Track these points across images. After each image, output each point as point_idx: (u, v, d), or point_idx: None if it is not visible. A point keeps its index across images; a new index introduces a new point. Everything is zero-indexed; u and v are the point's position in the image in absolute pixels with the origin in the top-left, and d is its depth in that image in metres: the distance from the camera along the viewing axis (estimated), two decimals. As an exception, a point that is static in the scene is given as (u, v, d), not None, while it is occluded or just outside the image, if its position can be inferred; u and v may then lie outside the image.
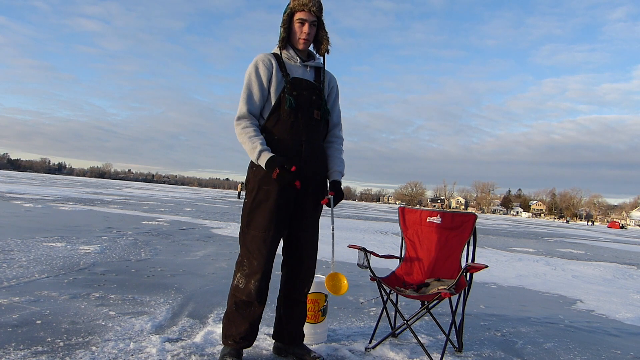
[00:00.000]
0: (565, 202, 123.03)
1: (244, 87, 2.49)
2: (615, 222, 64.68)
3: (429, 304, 2.90)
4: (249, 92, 2.47)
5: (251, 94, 2.47)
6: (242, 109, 2.45)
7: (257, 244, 2.44)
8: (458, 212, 3.30)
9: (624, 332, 4.04)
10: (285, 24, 2.51)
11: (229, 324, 2.50)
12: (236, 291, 2.47)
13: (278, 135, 2.47)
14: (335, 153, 2.69)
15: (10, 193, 17.83)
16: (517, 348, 3.28)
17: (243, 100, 2.46)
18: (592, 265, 9.40)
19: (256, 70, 2.47)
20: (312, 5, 2.46)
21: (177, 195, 35.13)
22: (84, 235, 7.12)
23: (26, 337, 2.60)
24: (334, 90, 2.71)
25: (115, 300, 3.55)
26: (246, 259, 2.46)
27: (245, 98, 2.46)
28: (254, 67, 2.48)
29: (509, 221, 48.41)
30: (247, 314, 2.47)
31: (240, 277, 2.47)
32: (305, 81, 2.53)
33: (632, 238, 27.46)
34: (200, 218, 13.11)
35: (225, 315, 2.54)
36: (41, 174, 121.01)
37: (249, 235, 2.47)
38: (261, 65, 2.48)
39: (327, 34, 2.58)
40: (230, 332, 2.48)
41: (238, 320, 2.47)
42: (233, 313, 2.49)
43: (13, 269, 4.29)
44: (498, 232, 20.73)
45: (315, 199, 2.60)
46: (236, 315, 2.48)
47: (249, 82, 2.48)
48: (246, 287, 2.44)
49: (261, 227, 2.44)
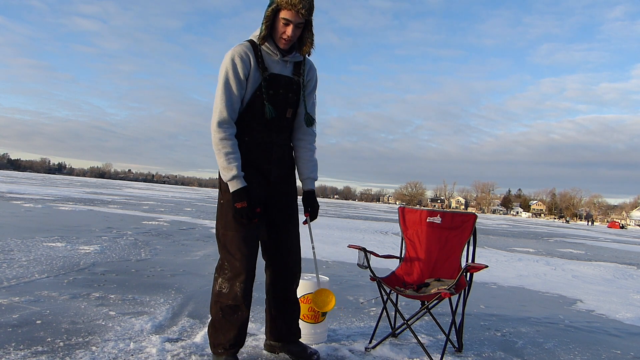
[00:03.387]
0: (565, 202, 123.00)
1: (222, 85, 2.31)
2: (615, 222, 64.66)
3: (429, 304, 2.90)
4: (228, 93, 2.31)
5: (231, 95, 2.31)
6: (223, 113, 2.30)
7: (237, 244, 2.35)
8: (458, 212, 3.30)
9: (624, 332, 4.04)
10: (268, 20, 2.30)
11: (215, 332, 2.40)
12: (220, 297, 2.36)
13: (249, 137, 2.39)
14: (306, 154, 2.58)
15: (10, 193, 17.83)
16: (517, 348, 3.28)
17: (222, 101, 2.30)
18: (592, 265, 9.40)
19: (234, 67, 2.30)
20: (301, 7, 2.23)
21: (177, 195, 35.14)
22: (84, 235, 7.12)
23: (26, 337, 2.60)
24: (311, 82, 2.55)
25: (115, 300, 3.55)
26: (227, 262, 2.36)
27: (225, 100, 2.30)
28: (231, 62, 2.30)
29: (509, 221, 48.43)
30: (235, 319, 2.37)
31: (222, 281, 2.36)
32: (283, 78, 2.40)
33: (632, 238, 27.46)
34: (200, 218, 13.11)
35: (210, 324, 2.43)
36: (41, 174, 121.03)
37: (227, 236, 2.37)
38: (239, 61, 2.30)
39: (312, 35, 2.39)
40: (218, 340, 2.38)
41: (225, 327, 2.37)
42: (220, 321, 2.38)
43: (13, 269, 4.29)
44: (498, 232, 20.73)
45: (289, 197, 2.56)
46: (223, 322, 2.37)
47: (226, 80, 2.30)
48: (231, 291, 2.34)
49: (238, 226, 2.35)
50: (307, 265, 6.08)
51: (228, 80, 2.31)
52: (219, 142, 2.30)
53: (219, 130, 2.30)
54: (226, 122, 2.31)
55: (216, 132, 2.30)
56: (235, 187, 2.30)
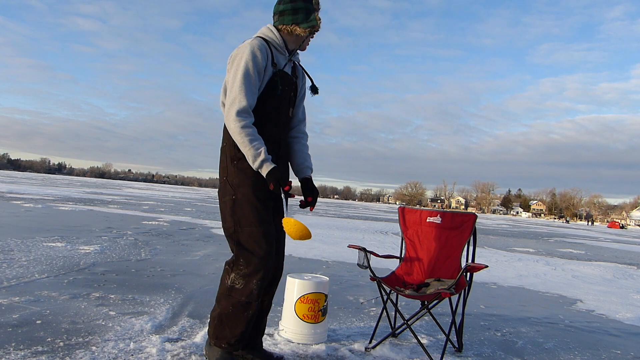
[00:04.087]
0: (565, 202, 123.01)
1: (242, 74, 2.29)
2: (615, 222, 64.63)
3: (429, 304, 2.90)
4: (248, 83, 2.29)
5: (250, 86, 2.30)
6: (243, 102, 2.27)
7: (257, 240, 2.31)
8: (458, 212, 3.30)
9: (624, 332, 4.04)
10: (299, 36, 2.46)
11: (221, 325, 2.36)
12: (232, 292, 2.33)
13: (261, 133, 2.36)
14: (303, 148, 2.63)
15: (10, 193, 17.83)
16: (517, 348, 3.28)
17: (242, 90, 2.27)
18: (592, 265, 9.40)
19: (254, 59, 2.31)
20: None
21: (177, 195, 35.14)
22: (84, 235, 7.12)
23: (26, 337, 2.60)
24: (304, 87, 2.65)
25: (115, 300, 3.55)
26: (242, 258, 2.32)
27: (245, 89, 2.28)
28: (252, 54, 2.31)
29: (509, 221, 48.43)
30: (245, 316, 2.34)
31: (235, 277, 2.33)
32: (288, 76, 2.47)
33: (632, 238, 27.46)
34: (200, 218, 13.11)
35: (216, 316, 2.39)
36: (41, 174, 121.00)
37: (244, 232, 2.32)
38: (259, 54, 2.33)
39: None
40: (223, 334, 2.36)
41: (234, 322, 2.34)
42: (229, 315, 2.34)
43: (13, 269, 4.29)
44: (498, 232, 20.73)
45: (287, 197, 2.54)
46: (232, 317, 2.34)
47: (246, 70, 2.29)
48: (246, 288, 2.31)
49: (256, 221, 2.33)
50: (307, 265, 6.10)
51: (248, 71, 2.30)
52: (241, 131, 2.25)
53: (239, 119, 2.26)
54: (246, 111, 2.28)
55: (236, 121, 2.25)
56: (268, 169, 2.26)
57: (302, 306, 2.94)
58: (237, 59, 2.33)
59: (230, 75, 2.33)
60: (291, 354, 2.74)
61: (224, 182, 2.41)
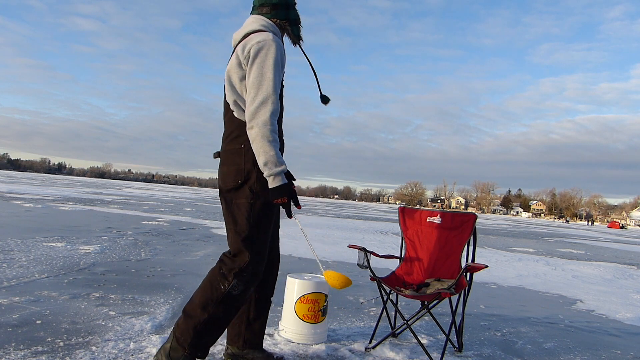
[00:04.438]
0: (565, 202, 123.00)
1: (271, 73, 2.12)
2: (615, 222, 64.61)
3: (428, 304, 2.90)
4: (277, 82, 2.14)
5: (277, 85, 2.15)
6: (277, 104, 2.12)
7: (265, 249, 2.29)
8: (458, 212, 3.30)
9: (624, 332, 4.04)
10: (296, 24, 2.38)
11: (206, 332, 2.20)
12: (229, 298, 2.20)
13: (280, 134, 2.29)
14: None
15: (10, 193, 17.83)
16: (517, 348, 3.28)
17: (274, 91, 2.11)
18: (592, 265, 9.40)
19: (282, 57, 2.19)
20: None
21: (177, 195, 35.14)
22: (84, 235, 7.12)
23: (26, 337, 2.60)
24: None
25: (115, 300, 3.55)
26: (252, 265, 2.22)
27: (276, 89, 2.12)
28: (279, 51, 2.17)
29: (509, 221, 48.42)
30: (229, 321, 2.28)
31: (237, 283, 2.20)
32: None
33: (632, 238, 27.46)
34: (200, 218, 13.11)
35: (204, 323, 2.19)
36: (41, 174, 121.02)
37: (259, 240, 2.24)
38: (283, 52, 2.23)
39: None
40: (203, 341, 2.21)
41: (217, 329, 2.23)
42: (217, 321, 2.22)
43: (13, 269, 4.29)
44: (498, 232, 20.74)
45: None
46: (219, 324, 2.23)
47: (277, 69, 2.13)
48: (245, 294, 2.24)
49: (269, 230, 2.30)
50: (307, 265, 6.09)
51: (278, 70, 2.15)
52: (270, 135, 2.08)
53: (271, 122, 2.09)
54: (276, 115, 2.13)
55: (268, 124, 2.08)
56: (280, 182, 2.12)
57: (302, 306, 2.94)
58: (261, 54, 2.14)
59: (255, 71, 2.13)
60: (291, 354, 2.74)
61: (238, 185, 2.23)
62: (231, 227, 2.26)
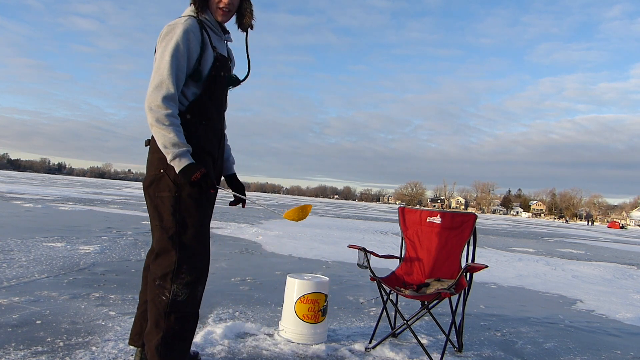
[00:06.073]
0: (565, 202, 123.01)
1: (169, 57, 2.02)
2: (615, 222, 64.59)
3: (428, 304, 2.90)
4: (176, 68, 2.03)
5: (178, 71, 2.04)
6: (170, 88, 2.01)
7: (202, 240, 2.11)
8: (458, 212, 3.30)
9: (624, 332, 4.04)
10: None
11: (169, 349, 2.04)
12: (176, 306, 2.03)
13: (206, 121, 2.16)
14: (226, 141, 2.44)
15: (10, 193, 17.83)
16: (517, 348, 3.28)
17: (170, 75, 2.01)
18: (592, 265, 9.40)
19: (186, 42, 2.05)
20: None
21: (177, 195, 35.11)
22: (84, 235, 7.12)
23: (26, 337, 2.60)
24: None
25: (115, 300, 3.55)
26: (186, 265, 2.05)
27: (173, 74, 2.02)
28: (184, 35, 2.05)
29: (509, 221, 48.43)
30: (192, 328, 2.12)
31: (178, 288, 2.04)
32: (226, 59, 2.24)
33: (632, 238, 27.46)
34: (200, 218, 13.09)
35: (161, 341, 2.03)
36: (41, 174, 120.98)
37: (187, 234, 2.07)
38: (192, 37, 2.07)
39: (251, 6, 2.25)
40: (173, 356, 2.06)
41: (181, 341, 2.08)
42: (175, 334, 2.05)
43: (13, 269, 4.29)
44: (498, 232, 20.74)
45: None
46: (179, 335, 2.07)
47: (176, 53, 2.03)
48: (192, 297, 2.07)
49: (202, 219, 2.11)
50: (307, 265, 6.09)
51: (178, 54, 2.04)
52: (165, 118, 1.99)
53: (165, 106, 1.99)
54: (172, 99, 2.02)
55: (161, 107, 1.99)
56: (187, 162, 2.00)
57: (302, 306, 2.94)
58: (166, 38, 2.06)
59: (158, 55, 2.07)
60: (291, 354, 2.74)
61: (159, 175, 2.09)
62: (157, 223, 2.10)
